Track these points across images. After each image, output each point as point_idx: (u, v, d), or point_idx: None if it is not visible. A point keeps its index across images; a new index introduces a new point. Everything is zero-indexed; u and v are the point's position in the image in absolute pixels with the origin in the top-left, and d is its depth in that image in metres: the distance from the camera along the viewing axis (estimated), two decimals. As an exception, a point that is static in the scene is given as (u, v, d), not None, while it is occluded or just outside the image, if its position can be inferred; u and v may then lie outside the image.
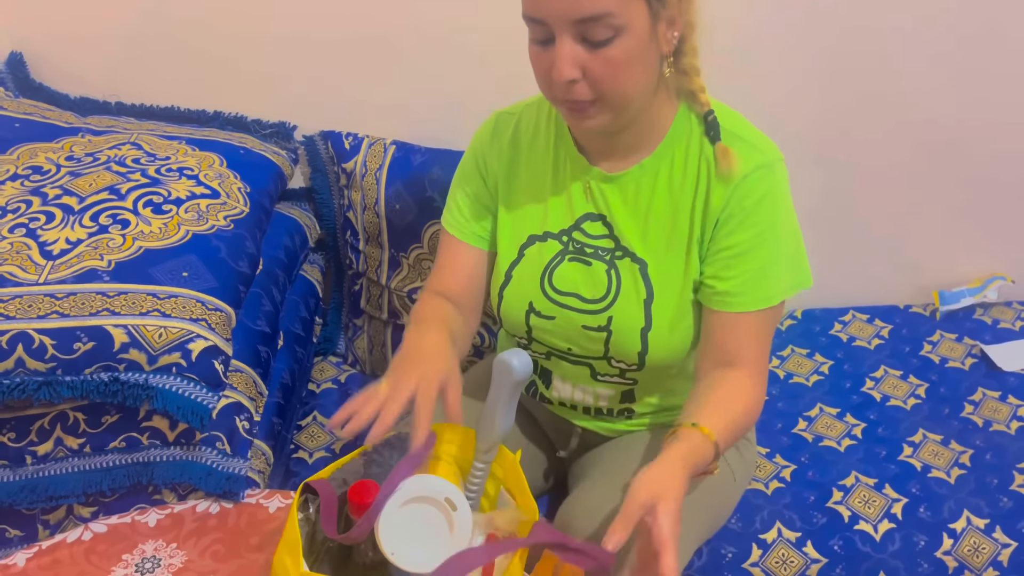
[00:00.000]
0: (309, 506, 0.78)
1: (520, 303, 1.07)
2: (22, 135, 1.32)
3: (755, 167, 0.96)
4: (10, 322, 1.03)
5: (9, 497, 1.10)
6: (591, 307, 1.04)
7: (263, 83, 1.52)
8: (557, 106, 0.95)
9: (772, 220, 0.97)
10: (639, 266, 1.01)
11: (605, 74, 0.88)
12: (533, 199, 1.07)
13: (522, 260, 1.07)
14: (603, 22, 0.85)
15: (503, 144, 1.09)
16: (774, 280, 0.99)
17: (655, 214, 1.01)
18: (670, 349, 1.02)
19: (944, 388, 1.53)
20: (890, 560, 1.24)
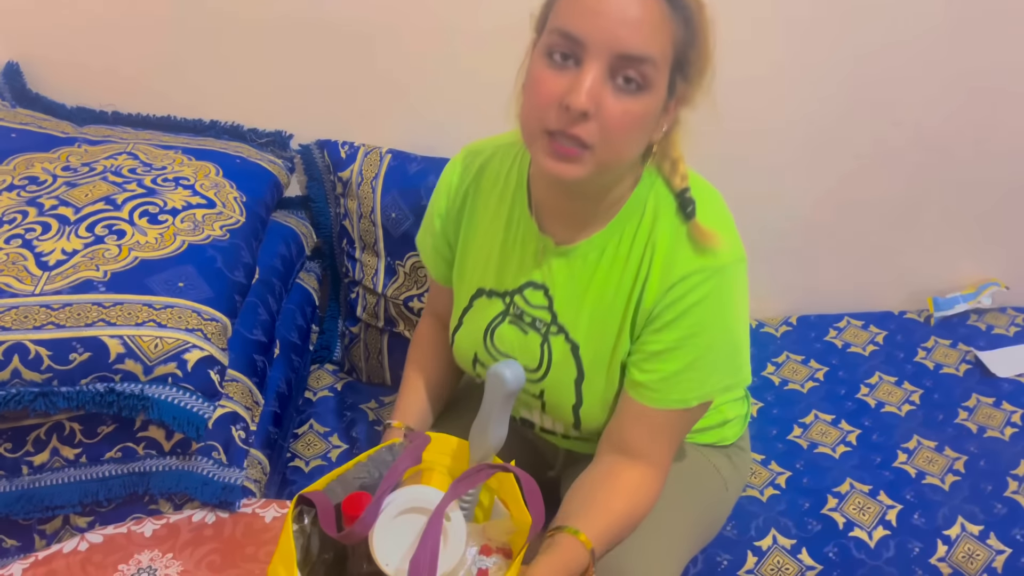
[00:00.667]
0: (304, 518, 0.79)
1: (468, 351, 1.07)
2: (18, 145, 1.32)
3: (696, 269, 0.91)
4: (6, 333, 1.03)
5: (6, 507, 1.10)
6: (526, 375, 1.01)
7: (259, 92, 1.53)
8: (538, 141, 0.85)
9: (704, 325, 0.92)
10: (571, 346, 0.98)
11: (619, 123, 0.82)
12: (485, 251, 1.04)
13: (471, 310, 1.06)
14: (640, 68, 0.81)
15: (466, 186, 1.06)
16: (693, 384, 0.94)
17: (594, 292, 0.97)
18: (603, 421, 1.01)
19: (938, 394, 1.54)
20: (885, 567, 1.25)
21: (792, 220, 1.72)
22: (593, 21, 0.80)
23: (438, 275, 1.13)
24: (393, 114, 1.54)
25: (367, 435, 1.41)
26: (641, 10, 0.80)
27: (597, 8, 0.80)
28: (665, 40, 0.83)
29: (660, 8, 0.82)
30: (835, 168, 1.68)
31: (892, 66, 1.58)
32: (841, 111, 1.61)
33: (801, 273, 1.78)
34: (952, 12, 1.54)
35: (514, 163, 1.03)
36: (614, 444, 0.98)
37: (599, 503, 0.92)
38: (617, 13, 0.80)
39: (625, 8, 0.80)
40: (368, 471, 0.83)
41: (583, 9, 0.81)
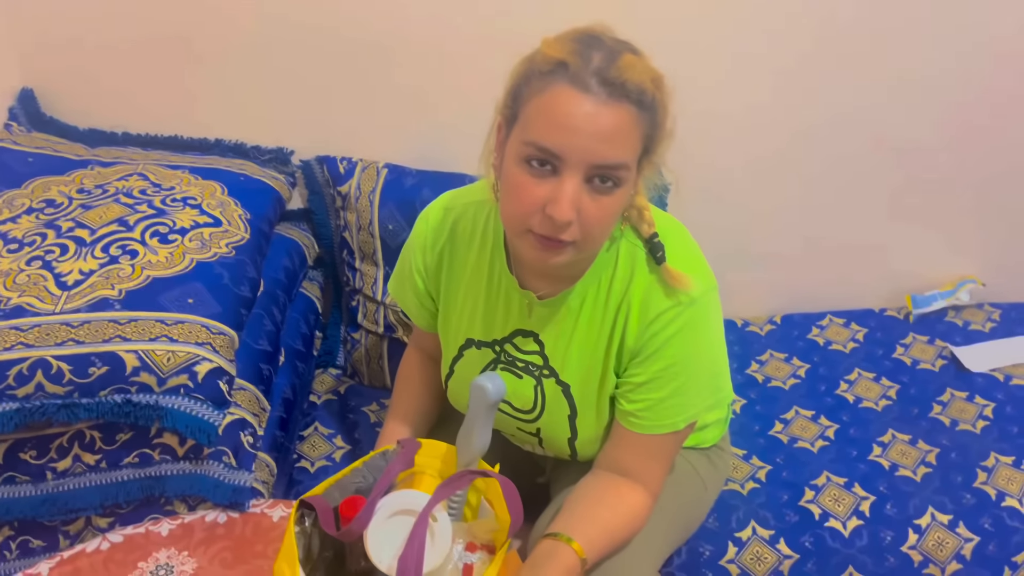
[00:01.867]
0: (305, 520, 0.86)
1: (462, 397, 1.12)
2: (35, 169, 1.40)
3: (671, 306, 0.97)
4: (30, 350, 1.11)
5: (32, 510, 1.17)
6: (521, 415, 1.10)
7: (262, 110, 1.60)
8: (523, 237, 0.90)
9: (684, 354, 0.98)
10: (562, 387, 1.05)
11: (597, 220, 0.87)
12: (470, 304, 1.09)
13: (461, 359, 1.12)
14: (614, 172, 0.85)
15: (441, 245, 1.10)
16: (680, 408, 1.00)
17: (579, 336, 1.02)
18: (597, 450, 1.08)
19: (914, 389, 1.60)
20: (858, 555, 1.32)
21: (775, 222, 1.78)
22: (568, 137, 0.83)
23: (423, 324, 1.19)
24: (390, 130, 1.61)
25: (369, 436, 1.48)
26: (613, 121, 0.84)
27: (570, 124, 0.83)
28: (636, 141, 0.87)
29: (629, 114, 0.85)
30: (816, 172, 1.73)
31: (866, 72, 1.63)
32: (819, 116, 1.67)
33: (786, 273, 1.84)
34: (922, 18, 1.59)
35: (488, 221, 1.07)
36: (609, 465, 1.05)
37: (598, 519, 0.98)
38: (590, 127, 0.83)
39: (597, 121, 0.83)
40: (363, 476, 0.91)
41: (556, 125, 0.84)
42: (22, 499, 1.17)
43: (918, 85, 1.65)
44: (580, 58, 0.84)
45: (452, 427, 1.20)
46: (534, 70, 0.87)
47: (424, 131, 1.61)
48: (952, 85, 1.66)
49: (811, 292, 1.84)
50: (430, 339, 1.22)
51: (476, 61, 1.47)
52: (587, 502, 1.00)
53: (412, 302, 1.17)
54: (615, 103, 0.84)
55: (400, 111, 1.60)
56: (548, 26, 0.92)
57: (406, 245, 1.16)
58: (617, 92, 0.84)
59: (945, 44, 1.62)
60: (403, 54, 1.55)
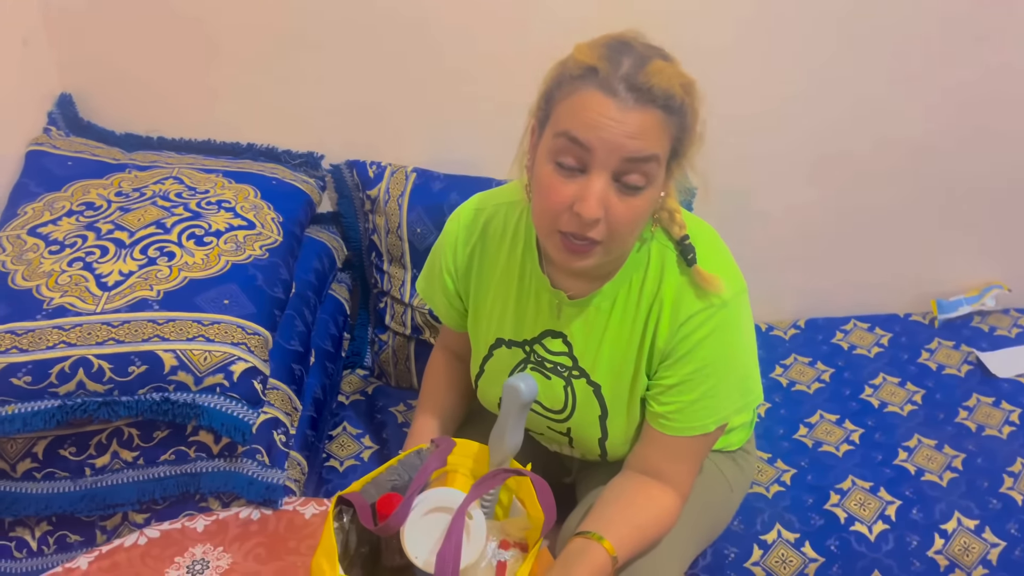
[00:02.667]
0: (343, 516, 0.88)
1: (492, 396, 1.15)
2: (75, 173, 1.43)
3: (701, 308, 0.98)
4: (73, 348, 1.14)
5: (71, 505, 1.21)
6: (552, 415, 1.11)
7: (292, 115, 1.62)
8: (551, 237, 0.93)
9: (715, 357, 0.99)
10: (593, 388, 1.06)
11: (625, 220, 0.89)
12: (500, 304, 1.10)
13: (491, 359, 1.13)
14: (643, 168, 0.87)
15: (472, 245, 1.12)
16: (710, 411, 1.01)
17: (610, 337, 1.04)
18: (628, 450, 1.09)
19: (940, 394, 1.60)
20: (884, 559, 1.32)
21: (800, 227, 1.79)
22: (597, 132, 0.86)
23: (452, 324, 1.21)
24: (419, 135, 1.64)
25: (396, 436, 1.50)
26: (640, 125, 0.86)
27: (599, 123, 0.86)
28: (664, 143, 0.89)
29: (656, 118, 0.87)
30: (840, 175, 1.73)
31: (892, 74, 1.63)
32: (844, 119, 1.67)
33: (810, 277, 1.84)
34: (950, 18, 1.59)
35: (520, 221, 1.09)
36: (640, 466, 1.06)
37: (629, 519, 1.00)
38: (619, 131, 0.86)
39: (624, 126, 0.85)
40: (399, 474, 0.93)
41: (586, 121, 0.87)
42: (61, 494, 1.20)
43: (945, 88, 1.65)
44: (610, 63, 0.87)
45: (480, 426, 1.22)
46: (566, 74, 0.90)
47: (453, 136, 1.63)
48: (980, 89, 1.65)
49: (835, 296, 1.84)
50: (457, 339, 1.24)
51: (506, 68, 1.49)
52: (618, 502, 1.01)
53: (441, 302, 1.19)
54: (642, 108, 0.86)
55: (429, 116, 1.63)
56: (580, 34, 0.93)
57: (436, 244, 1.18)
58: (644, 97, 0.86)
59: (974, 47, 1.62)
60: (433, 60, 1.57)
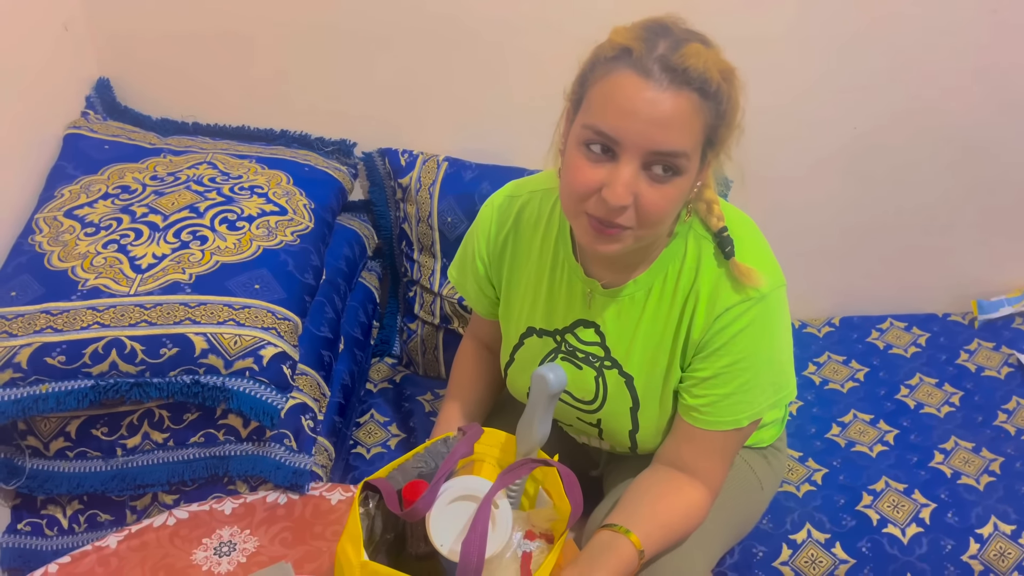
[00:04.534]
0: (369, 502, 0.88)
1: (522, 385, 1.14)
2: (111, 156, 1.45)
3: (740, 300, 0.96)
4: (106, 330, 1.15)
5: (102, 485, 1.22)
6: (582, 406, 1.09)
7: (325, 103, 1.63)
8: (578, 219, 0.91)
9: (750, 351, 0.98)
10: (625, 379, 1.04)
11: (655, 207, 0.87)
12: (532, 293, 1.09)
13: (522, 347, 1.12)
14: (673, 160, 0.85)
15: (505, 232, 1.11)
16: (744, 405, 1.00)
17: (644, 328, 1.02)
18: (658, 443, 1.07)
19: (979, 396, 1.57)
20: (917, 563, 1.29)
21: (836, 221, 1.75)
22: (626, 122, 0.84)
23: (483, 312, 1.20)
24: (451, 124, 1.63)
25: (423, 425, 1.50)
26: (673, 108, 0.84)
27: (629, 108, 0.84)
28: (697, 130, 0.86)
29: (690, 101, 0.85)
30: (879, 169, 1.70)
31: (932, 69, 1.60)
32: (883, 112, 1.64)
33: (844, 274, 1.81)
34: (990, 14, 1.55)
35: (555, 209, 1.07)
36: (670, 459, 1.04)
37: (658, 514, 0.98)
38: (648, 113, 0.83)
39: (656, 108, 0.83)
40: (425, 461, 0.93)
41: (616, 109, 0.85)
42: (93, 474, 1.22)
43: (989, 81, 1.61)
44: (645, 45, 0.85)
45: (509, 416, 1.21)
46: (600, 56, 0.89)
47: (485, 125, 1.63)
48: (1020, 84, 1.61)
49: (871, 294, 1.81)
50: (487, 328, 1.23)
51: (540, 57, 1.48)
52: (647, 496, 1.00)
53: (472, 289, 1.18)
54: (676, 89, 0.84)
55: (462, 105, 1.62)
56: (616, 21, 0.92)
57: (469, 232, 1.17)
58: (679, 79, 0.84)
59: (1018, 38, 1.57)
60: (466, 49, 1.57)
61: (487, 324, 1.22)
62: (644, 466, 1.12)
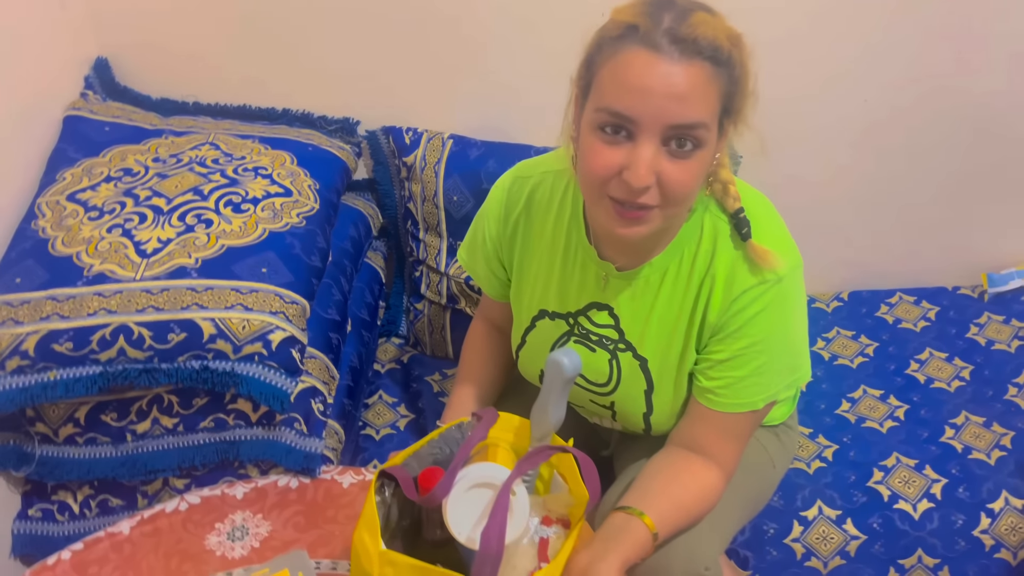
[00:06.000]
0: (385, 490, 0.88)
1: (533, 368, 1.13)
2: (112, 138, 1.42)
3: (757, 282, 0.95)
4: (113, 316, 1.14)
5: (112, 471, 1.22)
6: (596, 389, 1.09)
7: (328, 81, 1.60)
8: (601, 204, 0.90)
9: (768, 333, 0.97)
10: (639, 362, 1.03)
11: (679, 183, 0.85)
12: (544, 275, 1.08)
13: (534, 330, 1.11)
14: (691, 132, 0.84)
15: (516, 213, 1.09)
16: (760, 387, 0.99)
17: (658, 311, 1.01)
18: (672, 425, 1.07)
19: (989, 370, 1.56)
20: (928, 538, 1.30)
21: (844, 194, 1.73)
22: (641, 99, 0.82)
23: (494, 294, 1.19)
24: (456, 101, 1.61)
25: (432, 405, 1.50)
26: (687, 80, 0.82)
27: (642, 85, 0.82)
28: (713, 99, 0.85)
29: (704, 71, 0.83)
30: (888, 141, 1.68)
31: (944, 41, 1.57)
32: (893, 79, 1.61)
33: (853, 248, 1.79)
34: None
35: (568, 190, 1.06)
36: (684, 441, 1.04)
37: (671, 496, 0.98)
38: (664, 88, 0.82)
39: (671, 81, 0.81)
40: (440, 447, 0.92)
41: (629, 88, 0.83)
42: (103, 459, 1.22)
43: (1002, 48, 1.58)
44: (650, 19, 0.83)
45: (520, 397, 1.20)
46: (605, 37, 0.87)
47: (490, 102, 1.60)
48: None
49: (880, 268, 1.79)
50: (498, 309, 1.22)
51: (544, 32, 1.45)
52: (661, 478, 1.00)
53: (483, 271, 1.17)
54: (688, 61, 0.82)
55: (466, 82, 1.59)
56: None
57: (479, 213, 1.15)
58: (689, 49, 0.82)
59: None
60: (470, 24, 1.54)
61: (498, 306, 1.21)
62: (656, 446, 1.11)
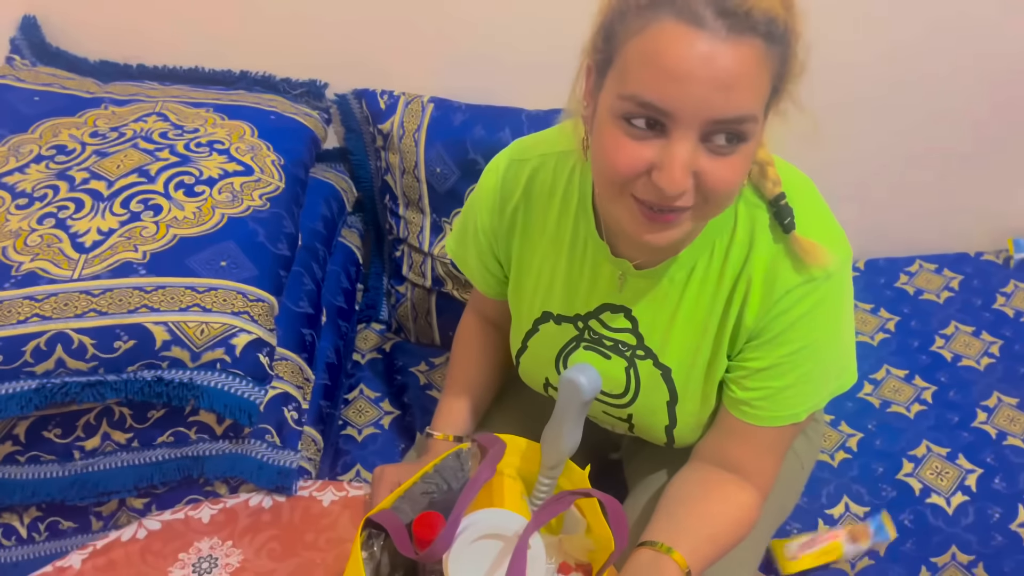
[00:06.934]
0: (373, 544, 0.74)
1: (537, 375, 1.00)
2: (42, 110, 1.25)
3: (802, 281, 0.81)
4: (47, 323, 0.99)
5: (60, 493, 1.08)
6: (611, 400, 0.95)
7: (290, 38, 1.42)
8: (621, 203, 0.75)
9: (815, 338, 0.84)
10: (661, 371, 0.89)
11: (720, 184, 0.71)
12: (547, 272, 0.94)
13: (537, 334, 0.97)
14: (739, 127, 0.69)
15: (514, 203, 0.94)
16: (803, 397, 0.86)
17: (684, 313, 0.87)
18: (698, 436, 0.94)
19: (1019, 345, 1.46)
20: (963, 534, 1.21)
21: (859, 155, 1.60)
22: (679, 89, 0.67)
23: (489, 292, 1.04)
24: (437, 59, 1.44)
25: (420, 401, 1.37)
26: (736, 63, 0.66)
27: (680, 70, 0.66)
28: (764, 84, 0.69)
29: (756, 51, 0.67)
30: (908, 100, 1.55)
31: None
32: (912, 31, 1.48)
33: (869, 211, 1.66)
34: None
35: (573, 176, 0.90)
36: (715, 458, 0.91)
37: (703, 526, 0.85)
38: (706, 73, 0.66)
39: (717, 65, 0.66)
40: (436, 483, 0.78)
41: (663, 73, 0.67)
42: (49, 480, 1.08)
43: None
44: None
45: (515, 400, 1.11)
46: (631, 3, 0.70)
47: (475, 60, 1.43)
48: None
49: (898, 234, 1.68)
50: (493, 306, 1.07)
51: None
52: (689, 504, 0.87)
53: (476, 266, 1.02)
54: (737, 39, 0.66)
55: (447, 37, 1.42)
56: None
57: (470, 200, 1.00)
58: (741, 24, 0.66)
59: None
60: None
61: (493, 303, 1.06)
62: (669, 452, 0.99)
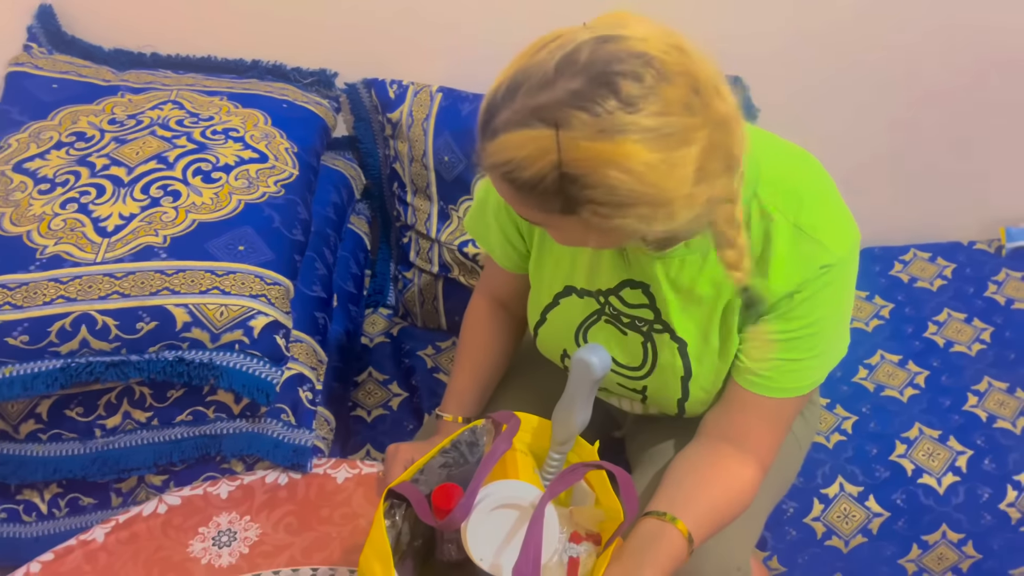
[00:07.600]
0: (395, 513, 0.78)
1: (555, 346, 1.03)
2: (61, 97, 1.27)
3: (817, 270, 0.85)
4: (72, 304, 1.02)
5: (82, 469, 1.12)
6: (626, 372, 0.98)
7: (300, 27, 1.45)
8: None
9: (825, 314, 0.88)
10: (678, 345, 0.93)
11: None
12: (570, 248, 0.96)
13: (557, 307, 1.00)
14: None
15: None
16: (810, 371, 0.91)
17: (698, 295, 0.91)
18: (707, 408, 0.98)
19: (1010, 332, 1.49)
20: (953, 513, 1.25)
21: (853, 143, 1.62)
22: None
23: (509, 265, 1.06)
24: (446, 50, 1.46)
25: (427, 383, 1.40)
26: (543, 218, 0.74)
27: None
28: None
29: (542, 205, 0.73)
30: (901, 89, 1.58)
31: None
32: (910, 34, 1.51)
33: (863, 200, 1.65)
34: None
35: None
36: (719, 430, 0.95)
37: (706, 497, 0.89)
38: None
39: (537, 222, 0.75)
40: (453, 457, 0.82)
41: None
42: (70, 457, 1.11)
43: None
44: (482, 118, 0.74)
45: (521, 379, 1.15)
46: None
47: (482, 50, 1.45)
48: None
49: (892, 223, 1.70)
50: (507, 283, 1.09)
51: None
52: (693, 476, 0.91)
53: (497, 241, 1.04)
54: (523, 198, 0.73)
55: (456, 27, 1.45)
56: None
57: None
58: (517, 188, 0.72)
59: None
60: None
61: (508, 278, 1.08)
62: (671, 429, 1.03)
